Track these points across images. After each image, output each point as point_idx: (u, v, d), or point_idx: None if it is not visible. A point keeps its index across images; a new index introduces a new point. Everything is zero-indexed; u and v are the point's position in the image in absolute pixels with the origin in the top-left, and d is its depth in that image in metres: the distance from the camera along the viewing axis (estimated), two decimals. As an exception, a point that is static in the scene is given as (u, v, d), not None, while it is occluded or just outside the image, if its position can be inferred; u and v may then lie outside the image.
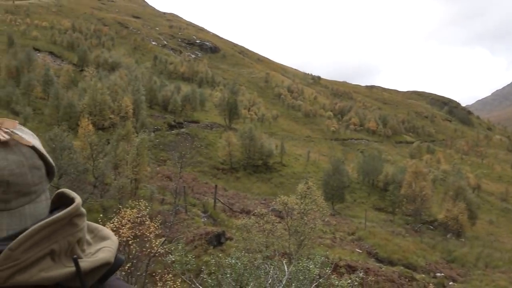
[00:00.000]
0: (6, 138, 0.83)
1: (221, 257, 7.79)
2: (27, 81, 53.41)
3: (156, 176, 36.89)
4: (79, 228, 0.87)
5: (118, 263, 0.90)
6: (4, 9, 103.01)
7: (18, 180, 0.82)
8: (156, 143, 48.84)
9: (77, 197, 0.91)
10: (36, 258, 0.78)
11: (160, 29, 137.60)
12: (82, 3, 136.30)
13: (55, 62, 76.63)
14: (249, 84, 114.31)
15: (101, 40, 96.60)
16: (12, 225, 0.82)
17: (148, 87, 62.72)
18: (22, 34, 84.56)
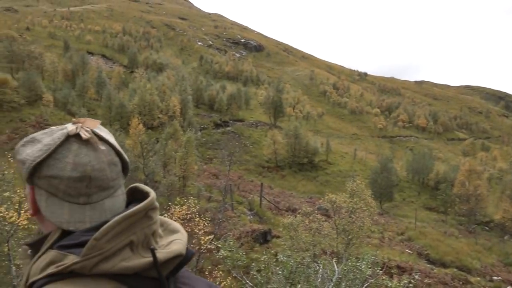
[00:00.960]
0: (88, 136, 0.90)
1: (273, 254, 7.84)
2: (82, 83, 56.14)
3: (203, 174, 37.60)
4: (154, 220, 0.91)
5: (189, 255, 0.93)
6: (61, 15, 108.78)
7: (99, 175, 0.89)
8: (203, 142, 49.79)
9: (151, 191, 0.94)
10: (118, 248, 0.83)
11: (205, 29, 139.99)
12: (131, 7, 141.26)
13: (107, 65, 79.98)
14: (294, 82, 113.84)
15: (150, 42, 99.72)
16: (94, 217, 0.89)
17: (194, 87, 64.06)
18: (77, 39, 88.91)
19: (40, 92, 47.96)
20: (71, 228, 0.88)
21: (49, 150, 0.88)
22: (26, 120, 44.00)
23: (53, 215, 0.89)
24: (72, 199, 0.89)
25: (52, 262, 0.83)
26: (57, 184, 0.88)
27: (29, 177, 0.91)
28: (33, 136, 0.95)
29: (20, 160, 0.93)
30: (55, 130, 0.94)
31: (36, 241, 0.93)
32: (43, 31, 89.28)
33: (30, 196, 0.94)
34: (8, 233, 11.24)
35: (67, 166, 0.87)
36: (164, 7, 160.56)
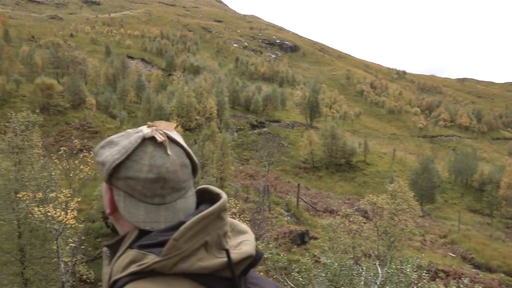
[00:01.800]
0: (162, 139, 0.93)
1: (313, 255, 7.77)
2: (122, 86, 57.90)
3: (239, 175, 37.83)
4: (225, 222, 0.93)
5: (259, 256, 0.94)
6: (102, 21, 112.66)
7: (172, 176, 0.92)
8: (239, 143, 50.12)
9: (222, 193, 0.96)
10: (194, 248, 0.85)
11: (241, 31, 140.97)
12: (169, 11, 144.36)
13: (146, 68, 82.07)
14: (330, 81, 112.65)
15: (187, 45, 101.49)
16: (168, 218, 0.92)
17: (230, 89, 64.60)
18: (117, 44, 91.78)
19: (84, 96, 49.83)
20: (147, 227, 0.91)
21: (127, 152, 0.92)
22: (71, 123, 45.83)
23: (130, 214, 0.93)
24: (147, 200, 0.92)
25: (133, 261, 0.86)
26: (134, 185, 0.91)
27: (108, 178, 0.95)
28: (111, 138, 0.98)
29: (99, 161, 0.96)
30: (131, 133, 0.97)
31: (114, 242, 0.97)
32: (86, 37, 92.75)
33: (108, 196, 0.98)
34: (56, 231, 11.75)
35: (144, 167, 0.90)
36: (200, 10, 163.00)
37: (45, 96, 46.78)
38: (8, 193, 13.81)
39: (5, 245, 13.99)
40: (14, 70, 55.56)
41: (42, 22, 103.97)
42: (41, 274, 14.23)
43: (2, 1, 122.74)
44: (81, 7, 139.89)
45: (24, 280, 14.30)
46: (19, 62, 59.77)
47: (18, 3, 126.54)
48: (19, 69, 57.23)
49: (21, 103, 46.68)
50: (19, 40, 76.45)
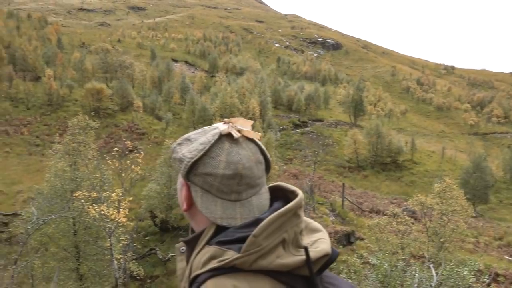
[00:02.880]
0: (239, 135, 0.95)
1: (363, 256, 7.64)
2: (168, 89, 59.44)
3: (283, 175, 37.78)
4: (301, 219, 0.93)
5: (335, 255, 0.93)
6: (147, 26, 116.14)
7: (248, 173, 0.93)
8: (282, 142, 50.06)
9: (298, 190, 0.96)
10: (273, 245, 0.85)
11: (282, 31, 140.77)
12: (211, 14, 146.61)
13: (189, 70, 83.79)
14: (374, 79, 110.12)
15: (229, 47, 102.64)
16: (244, 214, 0.93)
17: (272, 88, 64.66)
18: (162, 47, 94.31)
19: (131, 99, 51.59)
20: (224, 223, 0.92)
21: (205, 148, 0.93)
22: (119, 125, 47.60)
23: (207, 210, 0.94)
24: (224, 196, 0.93)
25: (212, 257, 0.87)
26: (211, 181, 0.92)
27: (186, 175, 0.96)
28: (188, 136, 1.00)
29: (177, 158, 0.98)
30: (208, 130, 0.98)
31: (191, 238, 0.97)
32: (132, 42, 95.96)
33: (185, 192, 0.98)
34: (109, 229, 12.26)
35: (221, 164, 0.91)
36: (242, 11, 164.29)
37: (95, 100, 48.86)
38: (64, 192, 14.54)
39: (62, 241, 14.73)
40: (67, 76, 58.43)
41: (91, 29, 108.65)
42: (95, 270, 14.87)
43: (55, 10, 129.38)
44: (127, 13, 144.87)
45: (79, 275, 14.99)
46: (71, 68, 62.80)
47: (70, 12, 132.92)
48: (71, 74, 60.14)
49: (73, 107, 49.05)
50: (71, 47, 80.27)
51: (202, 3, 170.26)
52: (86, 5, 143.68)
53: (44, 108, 49.32)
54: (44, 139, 41.65)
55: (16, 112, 47.69)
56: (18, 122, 45.69)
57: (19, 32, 72.58)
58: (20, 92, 49.92)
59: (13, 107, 48.33)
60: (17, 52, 57.46)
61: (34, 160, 37.19)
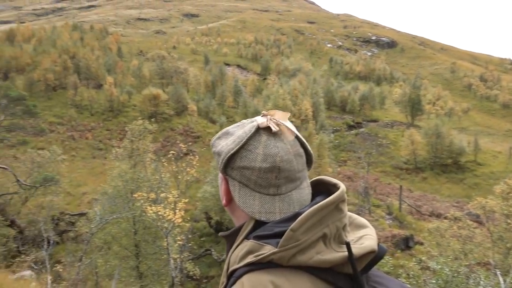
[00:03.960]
0: (276, 128, 0.92)
1: (422, 261, 7.32)
2: (221, 92, 60.62)
3: (337, 177, 37.15)
4: (344, 214, 0.89)
5: (382, 252, 0.89)
6: (201, 32, 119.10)
7: (287, 166, 0.90)
8: (336, 144, 49.29)
9: (340, 183, 0.93)
10: (313, 240, 0.82)
11: (334, 31, 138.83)
12: (262, 17, 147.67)
13: (242, 74, 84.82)
14: (433, 76, 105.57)
15: (280, 49, 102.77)
16: (283, 209, 0.90)
17: (325, 89, 63.89)
18: (215, 52, 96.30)
19: (186, 103, 53.11)
20: (263, 218, 0.90)
21: (242, 142, 0.91)
22: (175, 129, 49.15)
23: (245, 205, 0.92)
24: (262, 190, 0.91)
25: (250, 252, 0.85)
26: (249, 175, 0.90)
27: (223, 168, 0.95)
28: (226, 129, 0.99)
29: (215, 152, 0.97)
30: (246, 123, 0.97)
31: (230, 233, 0.96)
32: (187, 48, 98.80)
33: (224, 187, 0.97)
34: (166, 229, 12.66)
35: (258, 157, 0.89)
36: (293, 13, 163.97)
37: (152, 105, 50.80)
38: (126, 193, 15.23)
39: (124, 241, 15.41)
40: (126, 83, 61.24)
41: (148, 37, 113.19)
42: (153, 269, 15.41)
43: (115, 21, 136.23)
44: (182, 21, 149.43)
45: (139, 273, 15.60)
46: (130, 75, 65.78)
47: (128, 22, 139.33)
48: (130, 81, 62.97)
49: (132, 112, 51.28)
50: (130, 55, 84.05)
51: (253, 7, 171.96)
52: (143, 14, 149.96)
53: (106, 114, 52.03)
54: (106, 143, 43.90)
55: (81, 118, 50.68)
56: (83, 128, 48.55)
57: (83, 43, 77.11)
58: (84, 99, 53.03)
59: (78, 113, 51.43)
60: (81, 62, 61.10)
61: (97, 163, 39.29)
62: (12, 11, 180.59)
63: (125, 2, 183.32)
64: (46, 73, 56.24)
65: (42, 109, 45.76)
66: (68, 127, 48.31)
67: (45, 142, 39.23)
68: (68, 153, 40.38)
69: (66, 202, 27.79)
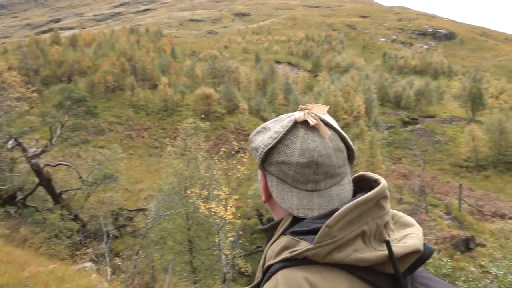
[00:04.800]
0: (314, 122, 0.89)
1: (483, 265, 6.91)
2: (272, 90, 60.76)
3: (391, 175, 36.09)
4: (386, 211, 0.86)
5: (428, 252, 0.85)
6: (251, 31, 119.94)
7: (325, 161, 0.87)
8: (390, 141, 47.83)
9: (381, 179, 0.90)
10: (350, 237, 0.80)
11: (388, 24, 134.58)
12: (313, 13, 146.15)
13: (292, 71, 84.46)
14: (496, 69, 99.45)
15: (332, 45, 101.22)
16: (322, 205, 0.88)
17: (378, 85, 62.14)
18: (265, 50, 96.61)
19: (237, 102, 53.77)
20: (301, 214, 0.87)
21: (278, 136, 0.89)
22: (227, 127, 49.91)
23: (283, 201, 0.90)
24: (300, 186, 0.88)
25: (286, 248, 0.84)
26: (286, 170, 0.88)
27: (261, 164, 0.94)
28: (264, 124, 0.98)
29: (253, 147, 0.96)
30: (284, 117, 0.95)
31: (269, 227, 0.95)
32: (238, 47, 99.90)
33: (262, 182, 0.97)
34: (218, 226, 12.91)
35: (295, 151, 0.87)
36: (345, 8, 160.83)
37: (205, 104, 51.89)
38: (180, 190, 15.70)
39: (178, 236, 15.89)
40: (180, 83, 63.02)
41: (201, 38, 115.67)
42: (206, 264, 15.76)
43: (169, 23, 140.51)
44: (233, 20, 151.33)
45: (193, 268, 16.01)
46: (183, 75, 67.63)
47: (182, 24, 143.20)
48: (183, 81, 64.74)
49: (186, 111, 52.67)
50: (183, 56, 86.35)
51: (304, 4, 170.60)
52: (196, 15, 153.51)
53: (161, 114, 53.87)
54: (161, 142, 45.43)
55: (138, 117, 52.82)
56: (139, 127, 50.59)
57: (139, 45, 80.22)
58: (140, 99, 55.23)
59: (135, 113, 53.64)
60: (137, 63, 63.67)
61: (153, 161, 40.79)
62: (74, 18, 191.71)
63: (178, 4, 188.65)
64: (106, 75, 59.21)
65: (102, 109, 48.12)
66: (126, 126, 50.55)
67: (105, 141, 41.30)
68: (126, 152, 42.16)
69: (125, 198, 29.08)
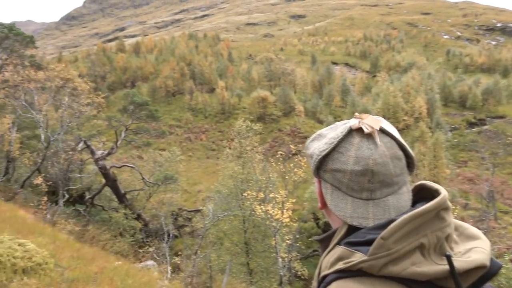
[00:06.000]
0: (370, 130, 0.87)
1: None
2: (328, 92, 59.97)
3: (456, 179, 34.32)
4: (447, 223, 0.82)
5: (495, 267, 0.81)
6: (307, 33, 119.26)
7: (381, 169, 0.85)
8: (455, 143, 45.45)
9: (442, 189, 0.86)
10: (407, 250, 0.77)
11: (452, 20, 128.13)
12: (371, 12, 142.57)
13: (350, 72, 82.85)
14: None
15: (391, 44, 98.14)
16: (378, 214, 0.85)
17: (441, 84, 59.26)
18: (322, 52, 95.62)
19: (293, 104, 53.65)
20: (355, 223, 0.86)
21: (333, 144, 0.89)
22: (283, 129, 49.93)
23: (337, 208, 0.89)
24: (355, 194, 0.87)
25: (340, 258, 0.82)
26: (341, 178, 0.88)
27: (316, 171, 0.94)
28: (320, 131, 0.98)
29: (308, 154, 0.97)
30: (339, 125, 0.94)
31: (325, 237, 0.94)
32: (294, 49, 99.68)
33: (318, 189, 0.96)
34: (274, 228, 12.94)
35: (350, 159, 0.86)
36: (405, 5, 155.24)
37: (261, 107, 52.29)
38: (237, 192, 15.94)
39: (234, 238, 16.13)
40: (236, 86, 64.02)
41: (257, 41, 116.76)
42: (262, 266, 15.84)
43: (226, 28, 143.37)
44: (289, 23, 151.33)
45: (249, 270, 16.16)
46: (240, 79, 68.62)
47: (238, 28, 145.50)
48: (240, 84, 65.69)
49: (242, 114, 53.37)
50: (239, 59, 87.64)
51: (361, 3, 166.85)
52: (252, 19, 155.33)
53: (218, 116, 55.04)
54: (218, 144, 46.41)
55: (196, 120, 54.35)
56: (197, 130, 52.02)
57: (197, 50, 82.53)
58: (199, 103, 56.79)
59: (193, 116, 55.24)
60: (196, 68, 65.55)
61: (210, 163, 41.74)
62: (138, 26, 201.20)
63: (235, 9, 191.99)
64: (166, 80, 61.56)
65: (163, 113, 50.01)
66: (185, 129, 52.17)
67: (165, 144, 42.87)
68: (185, 154, 43.46)
69: (184, 199, 30.00)
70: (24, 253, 4.47)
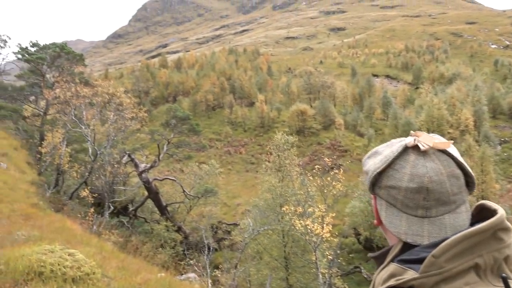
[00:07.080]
0: (426, 147, 0.88)
1: None
2: (369, 105, 59.04)
3: (507, 194, 32.61)
4: (506, 244, 0.80)
5: None
6: (347, 45, 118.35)
7: (437, 187, 0.85)
8: (505, 157, 43.33)
9: (500, 209, 0.86)
10: (460, 270, 0.76)
11: (500, 29, 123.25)
12: (413, 23, 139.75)
13: (391, 84, 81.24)
14: None
15: (434, 55, 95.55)
16: (433, 233, 0.85)
17: (489, 96, 56.88)
18: (362, 64, 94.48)
19: (333, 117, 53.15)
20: (409, 240, 0.87)
21: (388, 161, 0.90)
22: (322, 143, 49.47)
23: (391, 225, 0.90)
24: (410, 211, 0.88)
25: (392, 275, 0.83)
26: (396, 195, 0.89)
27: (371, 187, 0.96)
28: (376, 149, 0.99)
29: (364, 171, 0.99)
30: (395, 142, 0.96)
31: (380, 254, 0.95)
32: (333, 62, 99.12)
33: (374, 206, 0.98)
34: (315, 243, 12.78)
35: (405, 176, 0.87)
36: (448, 15, 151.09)
37: (300, 120, 52.15)
38: (275, 206, 15.91)
39: (274, 252, 16.05)
40: (275, 99, 64.28)
41: (296, 55, 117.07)
42: (302, 282, 15.63)
43: (265, 42, 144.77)
44: (328, 35, 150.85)
45: (289, 285, 15.99)
46: (279, 92, 68.88)
47: (278, 42, 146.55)
48: (279, 98, 65.89)
49: (282, 128, 53.36)
50: (278, 73, 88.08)
51: (402, 14, 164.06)
52: (291, 33, 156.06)
53: (257, 130, 55.37)
54: (257, 158, 46.58)
55: (236, 134, 54.92)
56: (237, 143, 52.51)
57: (237, 65, 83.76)
58: (238, 117, 57.45)
59: (233, 130, 55.88)
60: (235, 82, 66.49)
61: (250, 176, 41.92)
62: (180, 42, 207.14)
63: (274, 23, 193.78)
64: (207, 94, 62.79)
65: (203, 127, 50.92)
66: (225, 143, 52.80)
67: (205, 157, 43.55)
68: (225, 167, 43.92)
69: (223, 212, 30.23)
70: (73, 262, 4.68)
